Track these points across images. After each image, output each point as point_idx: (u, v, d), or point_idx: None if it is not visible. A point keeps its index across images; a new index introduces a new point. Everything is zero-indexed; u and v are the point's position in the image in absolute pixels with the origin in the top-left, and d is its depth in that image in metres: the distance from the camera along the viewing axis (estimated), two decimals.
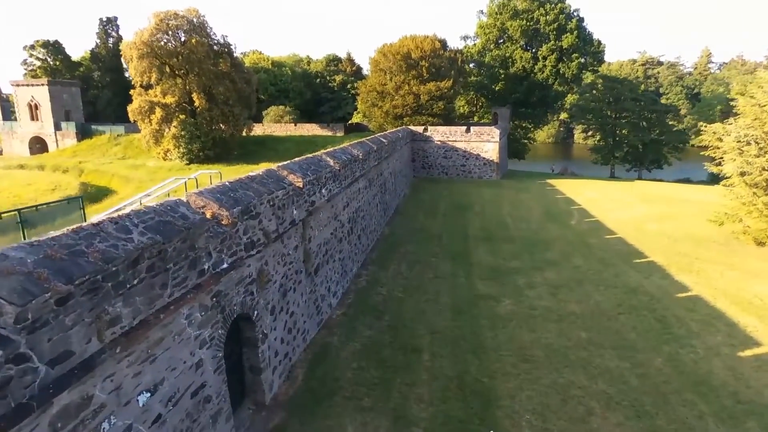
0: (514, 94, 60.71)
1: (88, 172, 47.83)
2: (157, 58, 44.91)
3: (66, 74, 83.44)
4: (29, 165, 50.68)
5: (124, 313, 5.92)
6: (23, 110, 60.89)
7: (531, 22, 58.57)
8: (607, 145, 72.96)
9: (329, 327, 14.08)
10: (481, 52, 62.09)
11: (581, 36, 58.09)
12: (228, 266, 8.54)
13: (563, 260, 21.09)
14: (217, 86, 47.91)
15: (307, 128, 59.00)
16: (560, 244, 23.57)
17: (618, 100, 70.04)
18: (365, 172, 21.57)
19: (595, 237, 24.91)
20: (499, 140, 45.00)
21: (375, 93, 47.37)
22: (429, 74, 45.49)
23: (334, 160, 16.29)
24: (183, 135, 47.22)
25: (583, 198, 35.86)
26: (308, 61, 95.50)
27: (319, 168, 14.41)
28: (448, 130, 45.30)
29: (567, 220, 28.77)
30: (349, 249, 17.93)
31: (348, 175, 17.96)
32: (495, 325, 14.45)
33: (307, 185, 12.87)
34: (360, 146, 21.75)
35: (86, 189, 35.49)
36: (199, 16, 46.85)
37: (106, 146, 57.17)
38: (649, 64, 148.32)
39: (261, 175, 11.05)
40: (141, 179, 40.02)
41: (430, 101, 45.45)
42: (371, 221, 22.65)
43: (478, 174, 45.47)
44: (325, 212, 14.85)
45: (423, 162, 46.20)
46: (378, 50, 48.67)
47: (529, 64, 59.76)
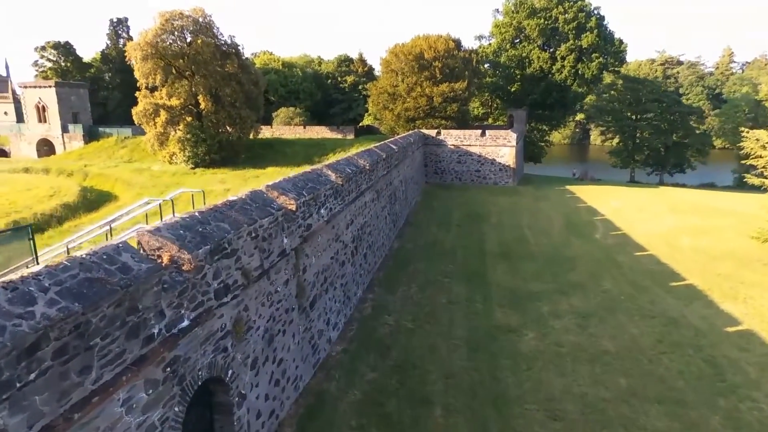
0: (530, 95, 58.46)
1: (92, 176, 46.75)
2: (162, 59, 43.61)
3: (77, 75, 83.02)
4: (34, 168, 49.80)
5: (12, 425, 4.19)
6: (31, 112, 60.23)
7: (549, 20, 56.26)
8: (626, 147, 70.39)
9: (327, 368, 12.31)
10: (496, 52, 59.90)
11: (601, 35, 55.63)
12: (190, 323, 6.81)
13: (590, 282, 19.09)
14: (224, 88, 46.50)
15: (317, 131, 57.44)
16: (586, 263, 21.55)
17: (639, 101, 67.47)
18: (373, 183, 19.80)
19: (624, 254, 22.82)
20: (515, 144, 42.92)
21: (386, 95, 45.56)
22: (442, 75, 43.55)
23: (336, 174, 14.53)
24: (188, 138, 45.89)
25: (606, 207, 33.65)
26: (319, 62, 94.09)
27: (317, 185, 12.66)
28: (462, 133, 43.34)
29: (591, 234, 26.68)
30: (353, 271, 16.16)
31: (352, 189, 16.20)
32: (517, 367, 12.56)
33: (301, 207, 11.12)
34: (367, 155, 19.98)
35: (86, 195, 34.29)
36: (206, 15, 45.50)
37: (112, 149, 56.20)
38: (669, 64, 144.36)
39: (243, 200, 9.32)
40: (143, 184, 38.73)
41: (443, 103, 43.52)
42: (379, 236, 20.86)
43: (494, 180, 43.41)
44: (324, 235, 13.11)
45: (436, 167, 44.28)
46: (389, 50, 46.87)
47: (546, 65, 57.45)
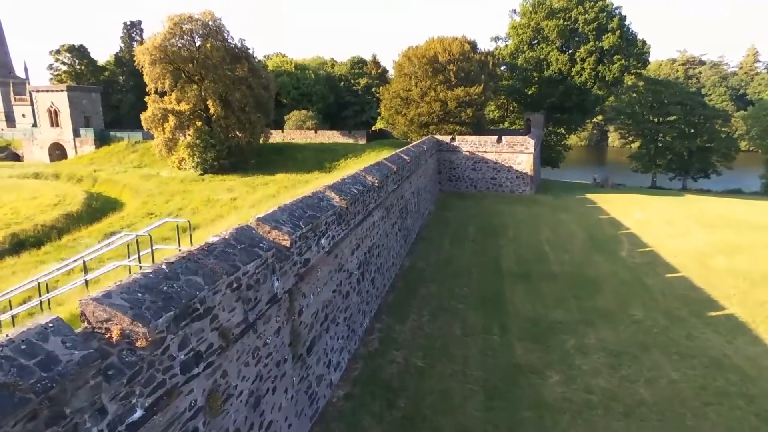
0: (548, 98, 56.57)
1: (101, 182, 46.24)
2: (171, 63, 42.84)
3: (91, 78, 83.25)
4: (45, 173, 49.53)
5: None
6: (43, 116, 60.17)
7: (568, 21, 54.36)
8: (648, 152, 68.05)
9: (326, 420, 10.97)
10: (513, 54, 58.15)
11: (623, 36, 53.55)
12: (144, 413, 5.52)
13: (619, 310, 17.48)
14: (234, 92, 45.60)
15: (328, 135, 56.29)
16: (612, 285, 19.93)
17: (661, 103, 65.13)
18: (382, 200, 18.45)
19: (653, 275, 21.13)
20: (533, 151, 41.20)
21: (399, 99, 44.19)
22: (457, 79, 42.04)
23: (339, 196, 13.21)
24: (197, 144, 45.09)
25: (631, 220, 31.84)
26: (332, 64, 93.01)
27: (317, 212, 11.33)
28: (478, 140, 41.76)
29: (616, 250, 24.97)
30: (359, 300, 14.82)
31: (359, 210, 14.86)
32: (542, 423, 11.07)
33: (297, 242, 9.81)
34: (376, 169, 18.62)
35: (91, 203, 33.53)
36: (215, 19, 44.62)
37: (123, 153, 55.77)
38: (690, 64, 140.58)
39: (226, 241, 8.02)
40: (150, 192, 37.91)
41: (458, 108, 42.02)
42: (389, 256, 19.50)
43: (510, 188, 41.74)
44: (325, 267, 11.78)
45: (450, 174, 42.76)
46: (402, 53, 45.49)
47: (565, 67, 55.53)
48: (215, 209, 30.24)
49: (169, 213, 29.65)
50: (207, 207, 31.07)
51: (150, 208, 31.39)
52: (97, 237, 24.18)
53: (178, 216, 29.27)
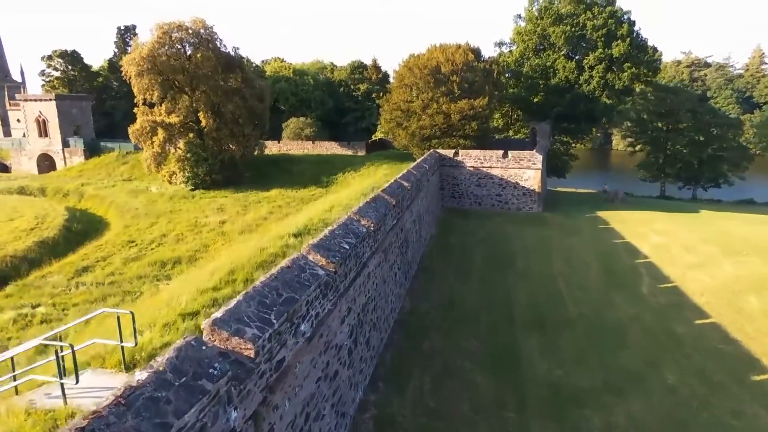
0: (555, 107, 54.31)
1: (87, 197, 44.19)
2: (159, 74, 40.76)
3: (84, 84, 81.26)
4: (30, 187, 47.47)
5: None
6: (31, 126, 58.14)
7: (576, 27, 52.15)
8: (657, 160, 65.91)
9: None
10: (518, 62, 55.94)
11: (633, 43, 51.31)
12: None
13: (648, 371, 15.35)
14: (227, 104, 43.50)
15: (326, 146, 54.12)
16: (637, 335, 17.80)
17: (670, 111, 62.91)
18: (379, 244, 16.33)
19: (681, 321, 18.99)
20: (541, 167, 39.05)
21: (399, 111, 42.02)
22: (461, 91, 39.86)
23: (326, 259, 11.09)
24: (188, 157, 43.02)
25: (647, 244, 29.68)
26: (332, 69, 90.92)
27: (296, 292, 9.22)
28: (483, 154, 39.62)
29: (636, 286, 22.84)
30: (350, 374, 12.70)
31: (351, 267, 12.76)
32: None
33: (267, 344, 7.70)
34: (373, 209, 16.49)
35: (71, 226, 31.38)
36: (207, 27, 42.54)
37: (113, 165, 53.75)
38: (696, 66, 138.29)
39: (160, 375, 5.91)
40: (136, 212, 35.76)
41: (461, 121, 39.84)
42: (387, 305, 17.38)
43: (517, 205, 39.60)
44: (306, 357, 9.67)
45: (453, 191, 40.63)
46: (403, 63, 43.30)
47: (573, 75, 53.31)
48: (201, 236, 28.08)
49: (150, 241, 27.50)
50: (193, 233, 28.93)
51: (132, 234, 29.25)
52: (67, 274, 22.11)
53: (161, 244, 27.21)
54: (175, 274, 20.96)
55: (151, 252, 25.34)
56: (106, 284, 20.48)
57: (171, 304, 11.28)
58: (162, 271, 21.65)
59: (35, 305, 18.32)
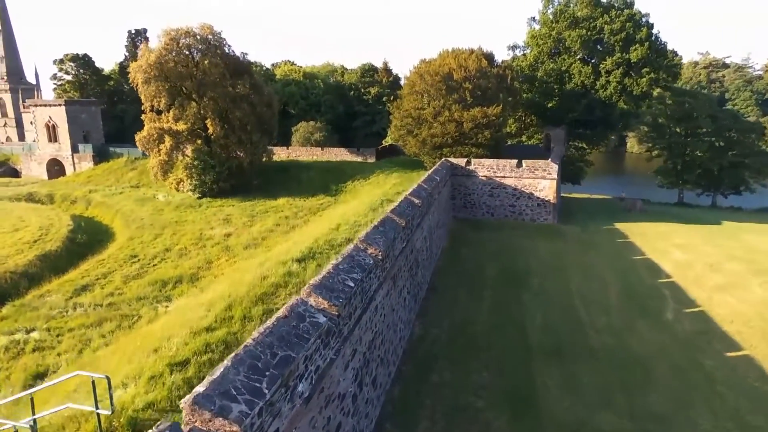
0: (570, 113, 52.94)
1: (95, 204, 43.77)
2: (166, 81, 40.21)
3: (95, 88, 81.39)
4: (38, 194, 47.20)
5: None
6: (41, 131, 58.05)
7: (593, 31, 50.72)
8: (675, 166, 64.12)
9: None
10: (533, 66, 54.62)
11: (652, 47, 49.74)
12: None
13: (679, 413, 14.20)
14: (234, 110, 42.81)
15: (335, 152, 53.24)
16: (664, 370, 16.60)
17: (689, 116, 61.06)
18: (388, 271, 15.35)
19: (711, 353, 17.74)
20: (556, 177, 37.78)
21: (410, 119, 40.97)
22: (473, 98, 38.71)
23: (328, 302, 10.13)
24: (195, 165, 42.41)
25: (669, 261, 28.35)
26: (342, 72, 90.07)
27: (293, 347, 8.26)
28: (496, 163, 38.45)
29: (660, 310, 21.59)
30: (354, 422, 11.72)
31: (356, 306, 11.80)
32: None
33: (252, 428, 6.75)
34: (381, 234, 15.52)
35: (75, 238, 30.83)
36: (214, 32, 41.89)
37: (121, 170, 53.39)
38: (713, 67, 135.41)
39: None
40: (141, 222, 35.11)
41: (474, 129, 38.69)
42: (395, 335, 16.39)
43: (531, 216, 38.36)
44: (304, 420, 8.70)
45: (465, 200, 39.51)
46: (414, 69, 42.28)
47: (589, 80, 51.90)
48: (205, 251, 27.28)
49: (153, 256, 26.78)
50: (197, 247, 28.16)
51: (135, 248, 28.56)
52: (65, 293, 21.40)
53: (164, 259, 26.47)
54: (176, 296, 20.17)
55: (153, 269, 24.60)
56: (104, 306, 19.74)
57: (161, 350, 10.39)
58: (162, 291, 20.87)
59: (30, 330, 17.62)
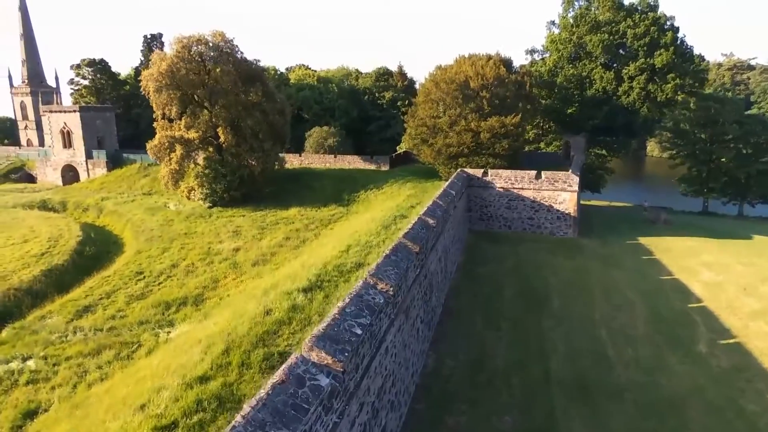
0: (591, 119, 51.22)
1: (106, 213, 43.52)
2: (178, 89, 39.69)
3: (111, 93, 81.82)
4: (52, 201, 47.19)
5: None
6: (56, 137, 58.26)
7: (615, 36, 48.99)
8: (699, 174, 61.96)
9: None
10: (552, 71, 53.02)
11: (678, 52, 47.84)
12: None
13: None
14: (246, 119, 42.19)
15: (348, 160, 52.31)
16: (700, 415, 15.23)
17: (715, 122, 58.82)
18: (399, 306, 14.27)
19: (752, 395, 16.30)
20: (577, 189, 36.30)
21: (425, 128, 39.81)
22: (491, 107, 37.42)
23: (332, 359, 9.11)
24: (206, 173, 41.85)
25: (698, 282, 26.78)
26: (356, 76, 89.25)
27: (290, 421, 7.24)
28: (513, 175, 37.12)
29: (692, 341, 20.14)
30: None
31: (364, 355, 10.74)
32: None
33: None
34: (392, 264, 14.44)
35: (84, 250, 30.28)
36: (226, 39, 41.26)
37: (134, 177, 53.22)
38: (738, 69, 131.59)
39: None
40: (151, 233, 34.54)
41: (491, 139, 37.40)
42: (406, 374, 15.29)
43: (550, 230, 36.95)
44: None
45: (481, 212, 38.23)
46: (429, 77, 41.11)
47: (611, 86, 50.15)
48: (212, 267, 26.49)
49: (159, 273, 25.93)
50: (204, 263, 27.37)
51: (142, 262, 27.89)
52: (67, 315, 20.67)
53: (170, 276, 25.73)
54: (179, 320, 19.37)
55: (158, 288, 23.88)
56: (104, 330, 19.02)
57: (149, 406, 9.46)
58: (165, 315, 20.09)
59: (27, 357, 16.96)
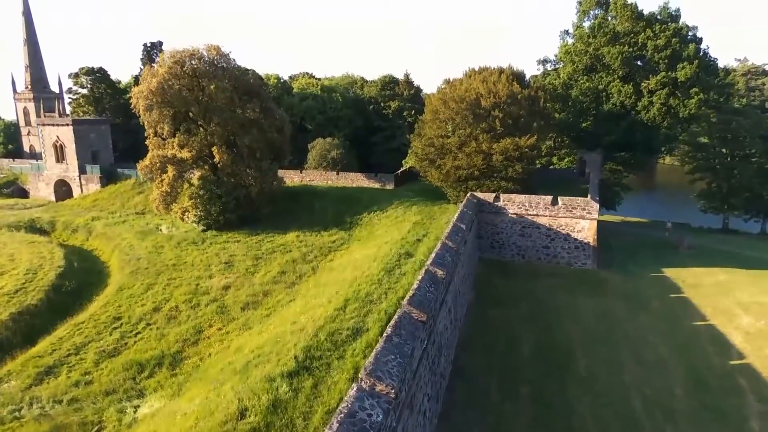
0: (608, 135, 48.43)
1: (95, 235, 41.22)
2: (170, 106, 37.39)
3: (110, 102, 79.85)
4: (40, 221, 45.00)
5: None
6: (49, 151, 56.18)
7: (634, 47, 46.21)
8: (720, 190, 58.85)
9: None
10: (566, 84, 50.30)
11: (702, 64, 44.98)
12: None
13: None
14: (243, 136, 39.81)
15: (352, 178, 49.81)
16: None
17: (737, 136, 55.80)
18: (402, 401, 11.71)
19: None
20: (596, 217, 33.59)
21: (432, 148, 37.21)
22: (504, 127, 34.79)
23: None
24: (200, 195, 39.46)
25: (738, 330, 24.04)
26: (361, 85, 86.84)
27: None
28: (528, 200, 34.47)
29: (740, 416, 17.45)
30: None
31: None
32: None
33: None
34: (396, 347, 11.87)
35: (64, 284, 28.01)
36: (222, 53, 38.92)
37: (128, 194, 50.98)
38: (752, 74, 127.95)
39: None
40: (138, 264, 32.04)
41: (504, 162, 34.77)
42: None
43: (567, 260, 34.25)
44: None
45: (492, 240, 35.60)
46: (437, 94, 38.49)
47: (630, 100, 47.36)
48: (197, 313, 23.92)
49: (139, 319, 23.47)
50: (189, 306, 24.77)
51: (122, 304, 25.29)
52: (26, 378, 18.08)
53: (149, 324, 23.24)
54: (150, 390, 16.93)
55: (134, 340, 21.44)
56: (65, 402, 16.63)
57: None
58: (136, 381, 17.67)
59: None
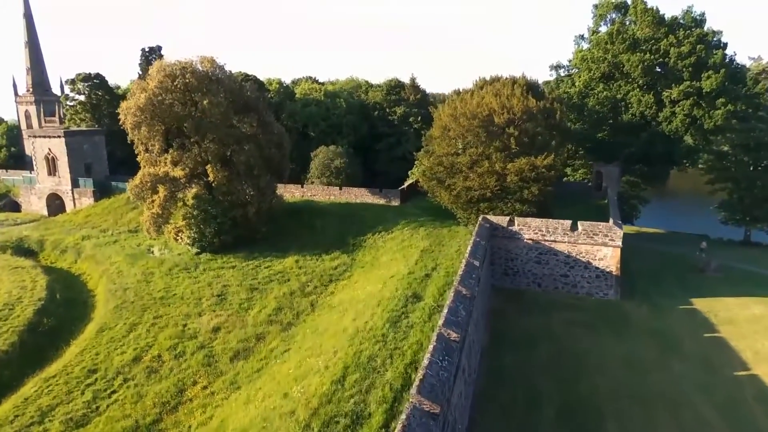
0: (626, 147, 45.74)
1: (84, 257, 39.08)
2: (161, 122, 35.05)
3: (108, 108, 77.67)
4: (29, 239, 42.94)
5: None
6: (40, 164, 54.10)
7: (656, 54, 43.39)
8: (741, 201, 55.87)
9: None
10: (582, 93, 47.57)
11: (728, 73, 42.12)
12: None
13: None
14: (239, 152, 37.43)
15: (355, 193, 47.34)
16: None
17: (760, 145, 52.87)
18: None
19: None
20: (620, 244, 30.91)
21: (441, 167, 34.64)
22: (519, 146, 32.16)
23: None
24: (194, 215, 37.14)
25: None
26: (366, 89, 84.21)
27: None
28: (545, 225, 31.87)
29: None
30: None
31: None
32: None
33: None
34: None
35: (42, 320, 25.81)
36: (216, 65, 36.54)
37: (121, 210, 48.81)
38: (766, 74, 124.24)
39: None
40: (124, 296, 29.73)
41: (519, 183, 32.16)
42: None
43: (587, 290, 31.66)
44: None
45: (506, 267, 33.04)
46: (447, 109, 35.82)
47: (650, 110, 44.63)
48: (180, 365, 21.40)
49: (117, 372, 20.98)
50: (172, 355, 22.29)
51: (100, 351, 22.95)
52: None
53: (127, 379, 20.95)
54: None
55: (107, 403, 19.15)
56: None
57: None
58: None
59: None
